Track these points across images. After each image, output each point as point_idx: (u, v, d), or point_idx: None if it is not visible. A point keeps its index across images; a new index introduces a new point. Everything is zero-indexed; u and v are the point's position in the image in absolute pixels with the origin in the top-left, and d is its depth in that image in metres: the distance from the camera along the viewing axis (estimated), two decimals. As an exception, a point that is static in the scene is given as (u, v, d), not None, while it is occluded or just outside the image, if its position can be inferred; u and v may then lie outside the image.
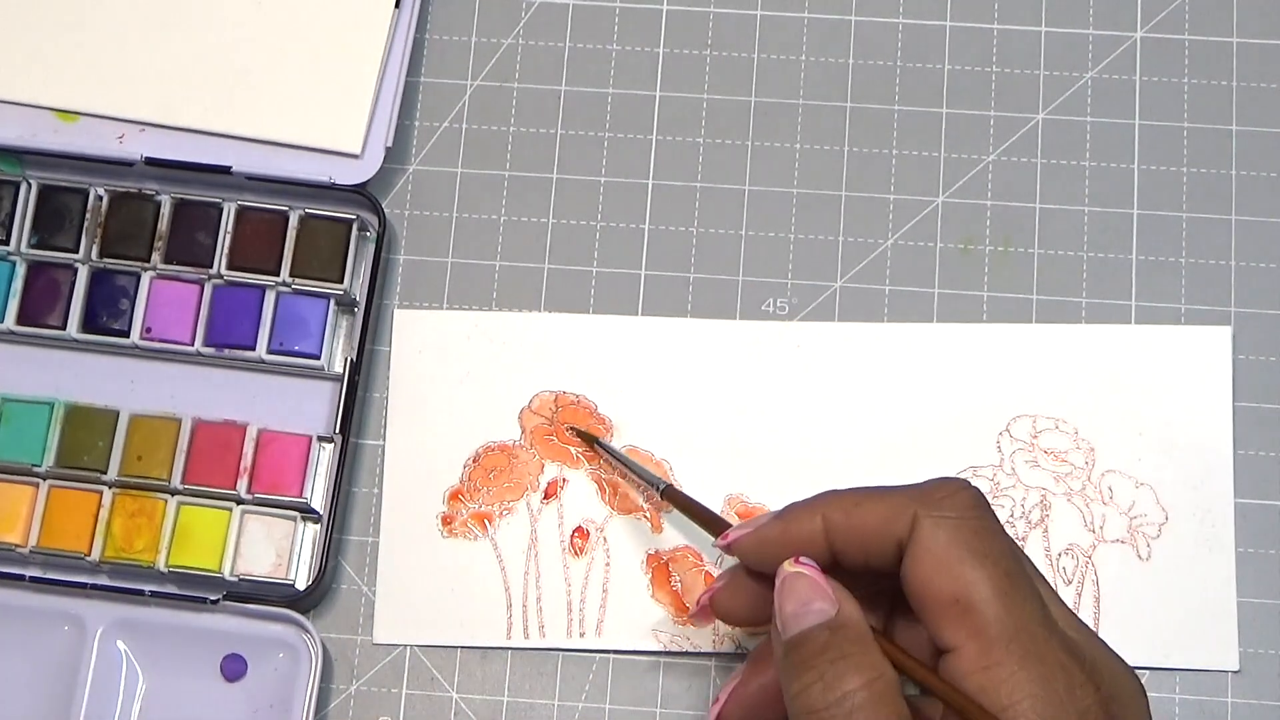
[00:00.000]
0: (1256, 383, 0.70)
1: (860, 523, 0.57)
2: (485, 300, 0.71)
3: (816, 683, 0.54)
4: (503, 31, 0.74)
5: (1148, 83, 0.73)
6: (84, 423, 0.69)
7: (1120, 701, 0.54)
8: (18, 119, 0.72)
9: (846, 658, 0.54)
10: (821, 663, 0.54)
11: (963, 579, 0.54)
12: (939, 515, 0.55)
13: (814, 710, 0.53)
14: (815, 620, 0.55)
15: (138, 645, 0.68)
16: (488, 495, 0.69)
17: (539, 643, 0.68)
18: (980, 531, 0.55)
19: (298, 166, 0.71)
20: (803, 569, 0.56)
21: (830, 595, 0.55)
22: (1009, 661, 0.53)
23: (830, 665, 0.54)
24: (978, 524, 0.55)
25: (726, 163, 0.73)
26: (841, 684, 0.53)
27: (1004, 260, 0.71)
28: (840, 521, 0.57)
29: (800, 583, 0.56)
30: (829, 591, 0.55)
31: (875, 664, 0.54)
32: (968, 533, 0.55)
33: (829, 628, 0.55)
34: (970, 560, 0.54)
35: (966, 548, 0.54)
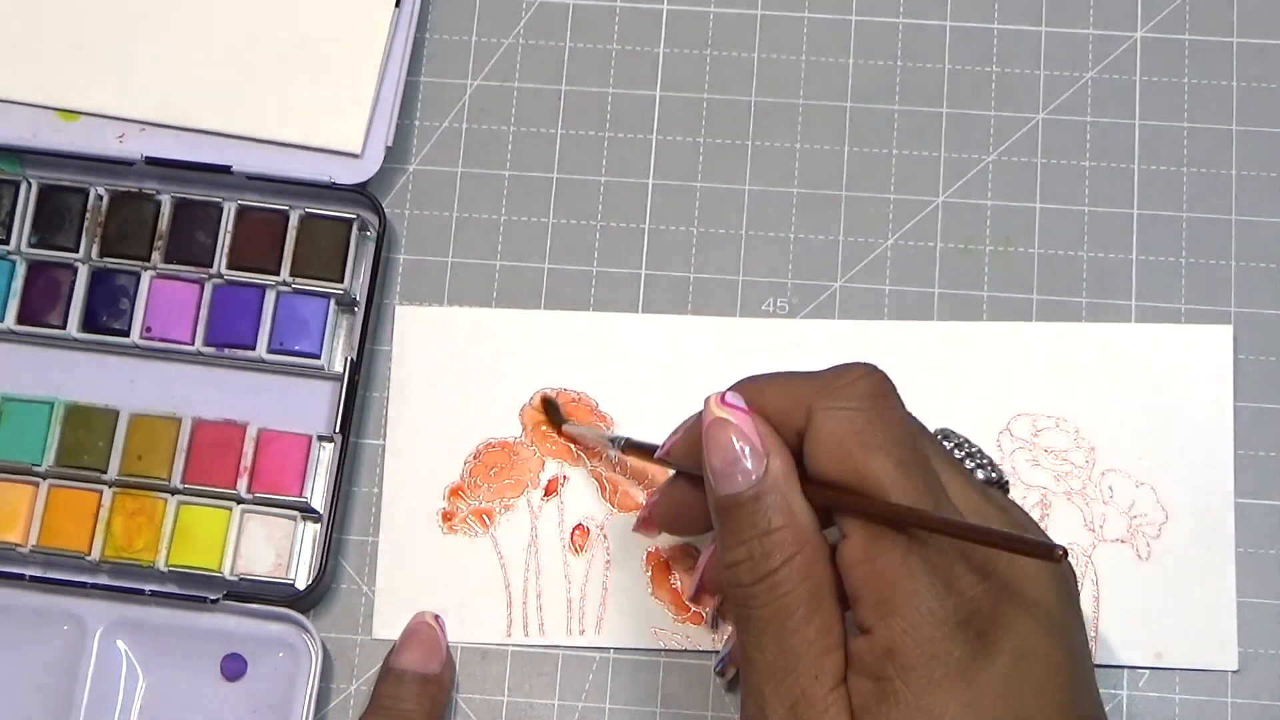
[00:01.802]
0: (1256, 383, 0.70)
1: (764, 411, 0.55)
2: (485, 300, 0.71)
3: (746, 560, 0.54)
4: (503, 31, 0.74)
5: (1148, 83, 0.73)
6: (84, 422, 0.69)
7: (1016, 592, 0.53)
8: (18, 119, 0.72)
9: (775, 531, 0.53)
10: (752, 537, 0.54)
11: (853, 469, 0.53)
12: (833, 406, 0.54)
13: (741, 584, 0.54)
14: (743, 482, 0.54)
15: (138, 645, 0.68)
16: (488, 492, 0.69)
17: (539, 640, 0.68)
18: (874, 421, 0.54)
19: (298, 166, 0.71)
20: (729, 414, 0.55)
21: (758, 447, 0.54)
22: (894, 551, 0.52)
23: (760, 541, 0.53)
24: (872, 413, 0.54)
25: (726, 163, 0.73)
26: (769, 561, 0.53)
27: (1004, 260, 0.71)
28: None
29: (724, 433, 0.55)
30: (757, 442, 0.54)
31: (803, 533, 0.53)
32: (861, 423, 0.53)
33: (756, 492, 0.54)
34: (860, 451, 0.53)
35: (858, 440, 0.53)
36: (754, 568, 0.53)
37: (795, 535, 0.53)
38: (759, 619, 0.53)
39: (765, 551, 0.53)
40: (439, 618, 0.67)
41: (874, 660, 0.52)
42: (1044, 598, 0.53)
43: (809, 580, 0.53)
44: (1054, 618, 0.53)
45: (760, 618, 0.53)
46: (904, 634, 0.51)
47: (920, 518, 0.52)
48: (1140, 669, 0.67)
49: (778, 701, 0.53)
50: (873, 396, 0.55)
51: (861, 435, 0.53)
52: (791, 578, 0.53)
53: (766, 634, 0.53)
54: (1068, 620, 0.54)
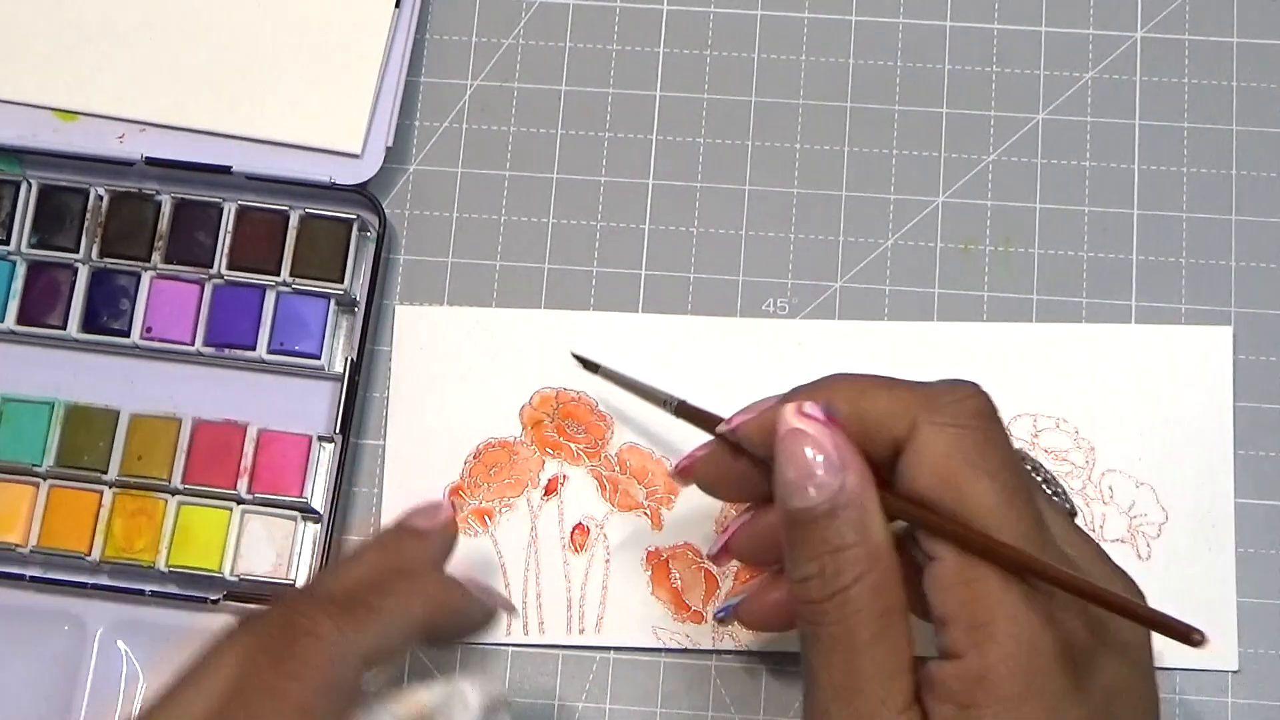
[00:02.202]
0: (1256, 383, 0.70)
1: (863, 413, 0.53)
2: (485, 300, 0.71)
3: (816, 576, 0.52)
4: (503, 31, 0.74)
5: (1148, 83, 0.73)
6: (84, 423, 0.69)
7: (1111, 629, 0.52)
8: (18, 119, 0.72)
9: (848, 548, 0.52)
10: (823, 552, 0.52)
11: (957, 492, 0.51)
12: (942, 422, 0.52)
13: (812, 601, 0.52)
14: (818, 496, 0.52)
15: (138, 645, 0.68)
16: (488, 491, 0.69)
17: (538, 639, 0.68)
18: (981, 444, 0.52)
19: (298, 166, 0.71)
20: (806, 425, 0.53)
21: (836, 462, 0.52)
22: (992, 577, 0.51)
23: (832, 558, 0.52)
24: (980, 434, 0.52)
25: (726, 163, 0.73)
26: (840, 578, 0.51)
27: (1004, 260, 0.71)
28: (843, 408, 0.54)
29: (800, 444, 0.53)
30: (835, 457, 0.52)
31: (876, 551, 0.52)
32: (968, 443, 0.52)
33: (831, 508, 0.52)
34: (967, 474, 0.51)
35: (964, 459, 0.52)
36: (824, 584, 0.52)
37: (869, 553, 0.52)
38: (828, 636, 0.52)
39: (837, 568, 0.52)
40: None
41: (962, 687, 0.50)
42: (1135, 637, 0.52)
43: (881, 600, 0.52)
44: (1143, 658, 0.53)
45: (830, 635, 0.52)
46: (1001, 663, 0.50)
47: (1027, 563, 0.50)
48: (1140, 669, 0.67)
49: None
50: (981, 416, 0.53)
51: (968, 456, 0.52)
52: (863, 596, 0.51)
53: (835, 653, 0.52)
54: (1152, 662, 0.53)
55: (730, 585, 0.68)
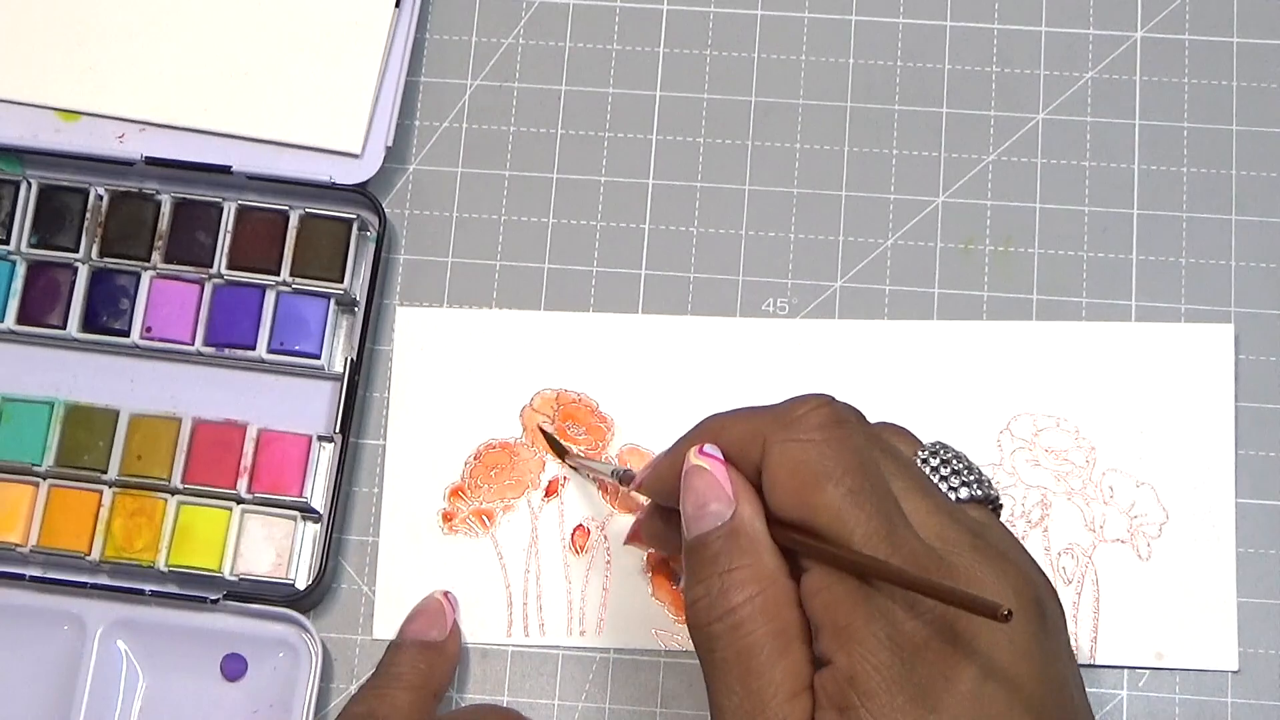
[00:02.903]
0: (1257, 383, 0.70)
1: (726, 448, 0.56)
2: (485, 300, 0.71)
3: (705, 597, 0.54)
4: (503, 31, 0.74)
5: (1148, 83, 0.73)
6: (84, 422, 0.69)
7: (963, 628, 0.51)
8: (18, 119, 0.72)
9: (735, 569, 0.53)
10: (711, 574, 0.54)
11: (805, 504, 0.53)
12: (787, 439, 0.54)
13: (700, 625, 0.54)
14: (710, 524, 0.54)
15: (138, 645, 0.68)
16: (489, 492, 0.69)
17: (539, 640, 0.68)
18: (825, 451, 0.53)
19: (298, 166, 0.71)
20: (704, 462, 0.56)
21: (727, 494, 0.55)
22: (850, 581, 0.52)
23: (719, 579, 0.53)
24: (824, 445, 0.53)
25: (726, 163, 0.73)
26: (728, 599, 0.53)
27: (1004, 260, 0.71)
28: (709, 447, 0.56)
29: (699, 480, 0.55)
30: (726, 490, 0.55)
31: (764, 574, 0.53)
32: (812, 455, 0.53)
33: (722, 534, 0.54)
34: (811, 485, 0.53)
35: (809, 470, 0.53)
36: (711, 605, 0.53)
37: (756, 575, 0.53)
38: (722, 661, 0.53)
39: (723, 589, 0.53)
40: (449, 594, 0.68)
41: (837, 690, 0.51)
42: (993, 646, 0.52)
43: (773, 621, 0.53)
44: (1019, 640, 0.52)
45: (724, 660, 0.53)
46: (863, 660, 0.51)
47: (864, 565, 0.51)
48: (1140, 669, 0.67)
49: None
50: (824, 427, 0.54)
51: (812, 465, 0.53)
52: (754, 617, 0.53)
53: (732, 676, 0.53)
54: (1038, 642, 0.53)
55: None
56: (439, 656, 0.66)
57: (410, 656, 0.65)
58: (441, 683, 0.66)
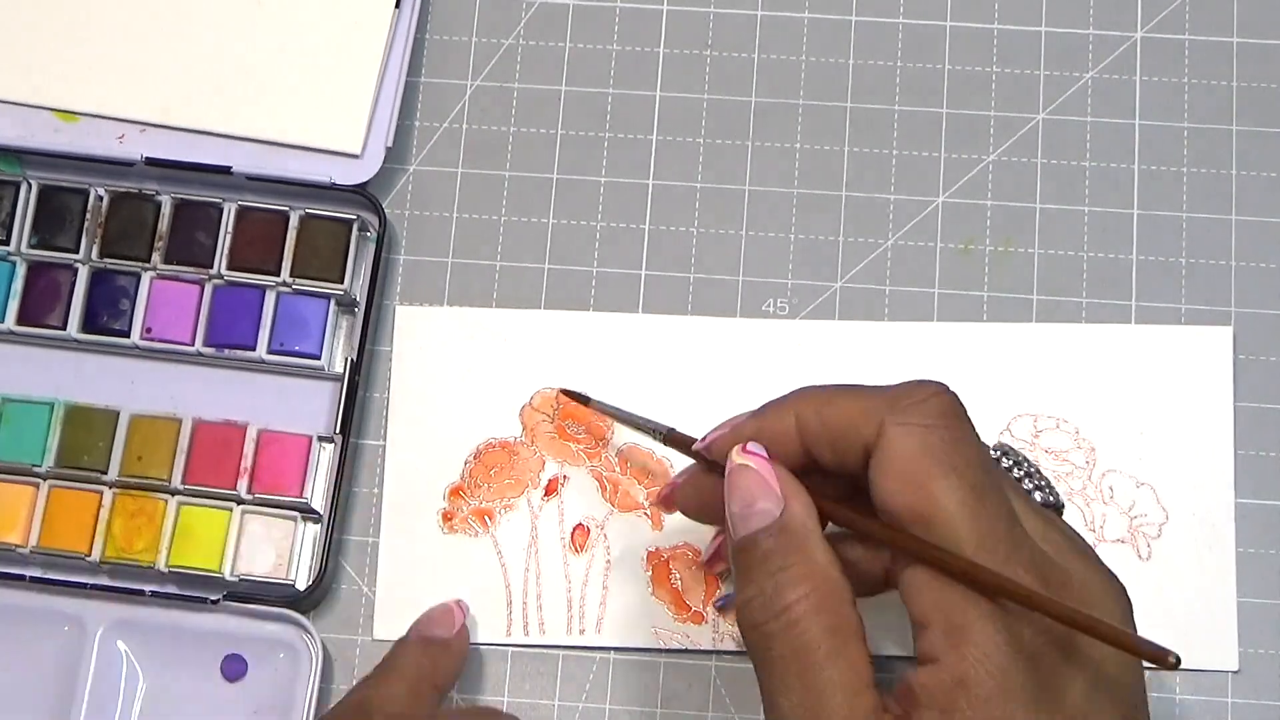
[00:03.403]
0: (1256, 383, 0.70)
1: (830, 422, 0.54)
2: (485, 300, 0.71)
3: (758, 596, 0.53)
4: (503, 31, 0.74)
5: (1148, 83, 0.73)
6: (84, 423, 0.69)
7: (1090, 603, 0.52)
8: (18, 119, 0.72)
9: (788, 568, 0.53)
10: (763, 574, 0.53)
11: (925, 492, 0.51)
12: (907, 422, 0.53)
13: (754, 625, 0.53)
14: (759, 523, 0.54)
15: (138, 645, 0.68)
16: (488, 492, 0.69)
17: (539, 639, 0.68)
18: (948, 441, 0.52)
19: (298, 166, 0.71)
20: (749, 460, 0.55)
21: (776, 493, 0.54)
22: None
23: (771, 578, 0.53)
24: (946, 433, 0.52)
25: (726, 163, 0.73)
26: (781, 598, 0.52)
27: (1004, 260, 0.71)
28: (811, 420, 0.55)
29: (746, 479, 0.55)
30: (775, 488, 0.54)
31: (817, 571, 0.53)
32: (935, 442, 0.52)
33: (772, 533, 0.53)
34: (934, 473, 0.52)
35: (932, 459, 0.52)
36: (766, 605, 0.52)
37: (809, 572, 0.53)
38: (779, 659, 0.52)
39: (777, 587, 0.52)
40: (461, 601, 0.67)
41: (942, 691, 0.50)
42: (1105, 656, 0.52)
43: (827, 618, 0.52)
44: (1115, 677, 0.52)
45: (780, 657, 0.52)
46: (978, 664, 0.50)
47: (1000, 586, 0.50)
48: (1140, 669, 0.67)
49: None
50: (946, 415, 0.53)
51: (934, 454, 0.52)
52: (809, 615, 0.52)
53: (790, 674, 0.52)
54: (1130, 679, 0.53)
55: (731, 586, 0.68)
56: (443, 652, 0.66)
57: (413, 650, 0.65)
58: (446, 678, 0.66)
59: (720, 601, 0.65)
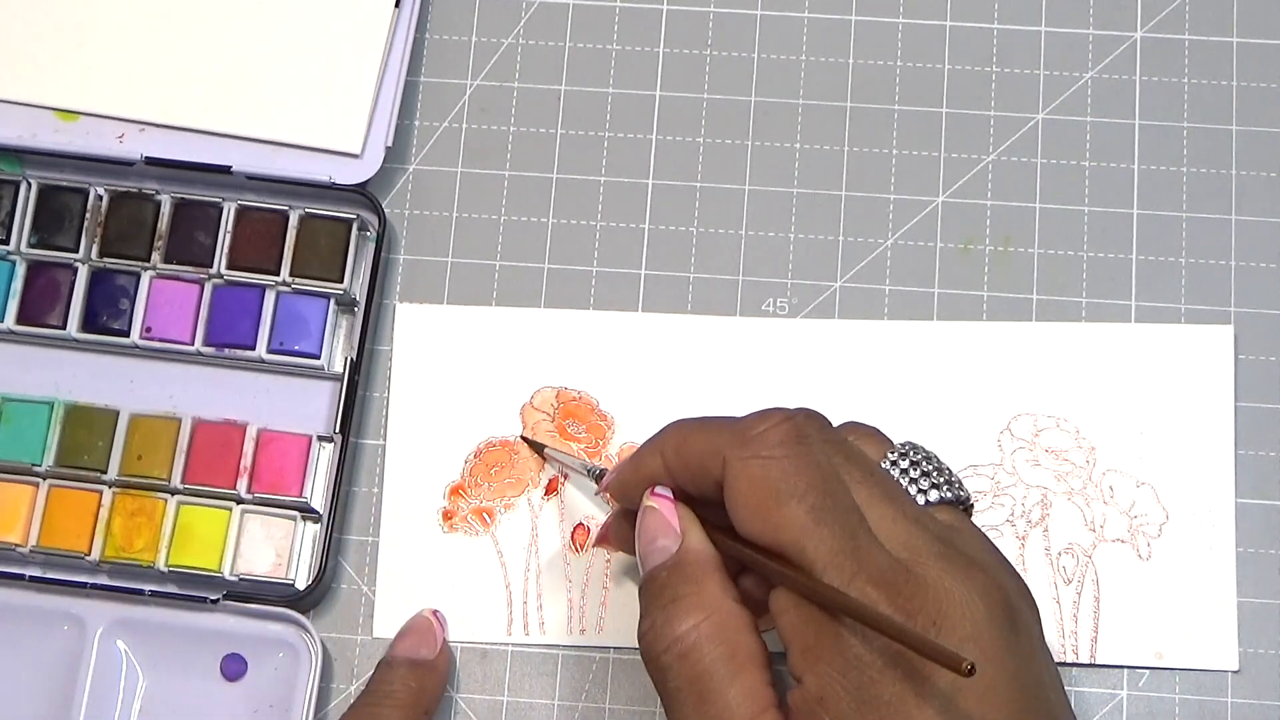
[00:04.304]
0: (1257, 383, 0.70)
1: (685, 459, 0.56)
2: (485, 300, 0.71)
3: (651, 629, 0.54)
4: (503, 31, 0.74)
5: (1148, 83, 0.73)
6: (84, 422, 0.69)
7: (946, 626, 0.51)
8: (18, 119, 0.72)
9: (680, 599, 0.54)
10: (656, 607, 0.54)
11: (768, 521, 0.53)
12: (746, 456, 0.54)
13: (650, 656, 0.54)
14: (659, 559, 0.56)
15: (138, 645, 0.68)
16: (489, 491, 0.69)
17: (539, 639, 0.68)
18: (787, 470, 0.53)
19: (298, 166, 0.71)
20: (654, 502, 0.57)
21: (674, 530, 0.56)
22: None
23: (662, 610, 0.54)
24: (785, 462, 0.54)
25: (726, 163, 0.73)
26: (673, 628, 0.54)
27: (1004, 260, 0.71)
28: (671, 458, 0.57)
29: (649, 519, 0.57)
30: (673, 526, 0.56)
31: (708, 601, 0.54)
32: (774, 473, 0.53)
33: (668, 567, 0.55)
34: (772, 503, 0.53)
35: (768, 489, 0.53)
36: (658, 636, 0.54)
37: (701, 602, 0.54)
38: (676, 690, 0.53)
39: (667, 618, 0.54)
40: (437, 612, 0.67)
41: (807, 710, 0.52)
42: (976, 629, 0.52)
43: (722, 646, 0.53)
44: (990, 648, 0.52)
45: (678, 689, 0.53)
46: (831, 681, 0.51)
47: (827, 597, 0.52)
48: (1140, 669, 0.67)
49: None
50: (785, 444, 0.54)
51: (773, 483, 0.53)
52: (701, 644, 0.53)
53: (688, 705, 0.53)
54: (1010, 648, 0.52)
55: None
56: (429, 674, 0.66)
57: (402, 675, 0.65)
58: (432, 701, 0.66)
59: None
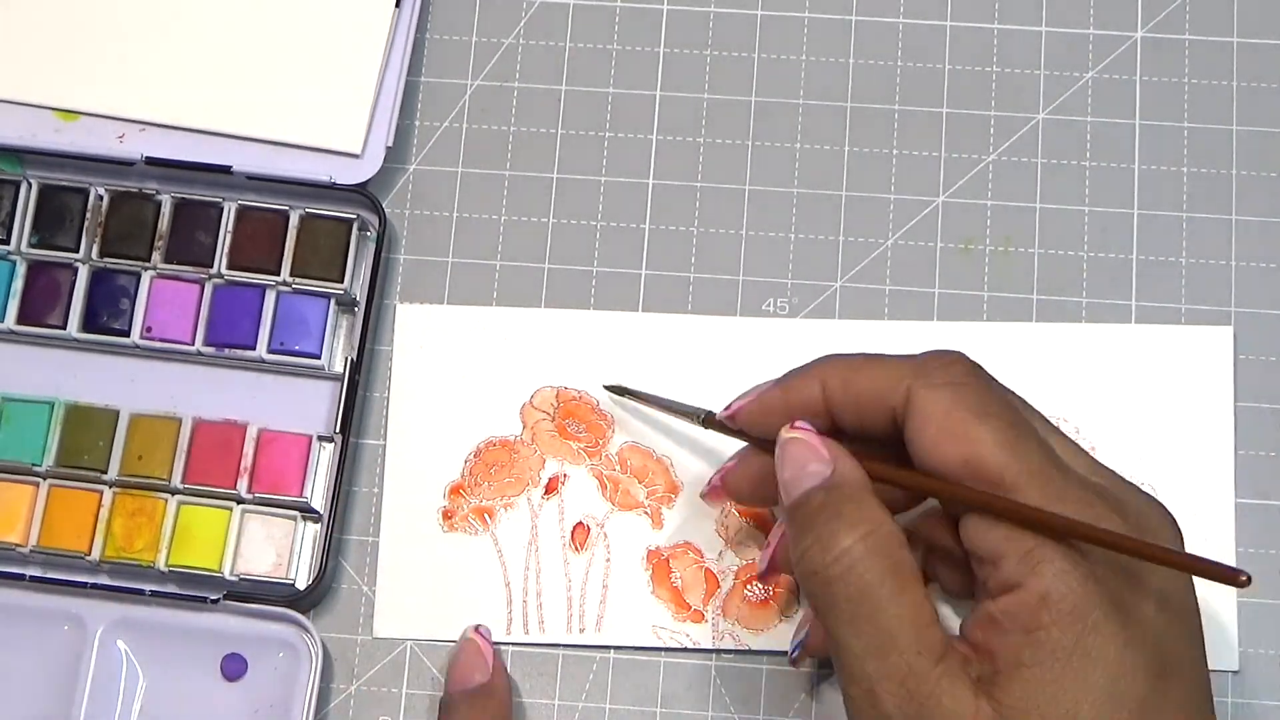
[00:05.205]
0: (1257, 383, 0.70)
1: (856, 390, 0.57)
2: (485, 300, 0.71)
3: (814, 544, 0.54)
4: (503, 31, 0.74)
5: (1148, 83, 0.73)
6: (84, 422, 0.69)
7: (1150, 530, 0.55)
8: (18, 119, 0.72)
9: (841, 516, 0.54)
10: (818, 524, 0.55)
11: (966, 439, 0.54)
12: (935, 384, 0.55)
13: (814, 571, 0.54)
14: (811, 483, 0.56)
15: (138, 645, 0.68)
16: (489, 490, 0.69)
17: (539, 638, 0.68)
18: (979, 393, 0.55)
19: (298, 166, 0.71)
20: (798, 433, 0.57)
21: (825, 456, 0.56)
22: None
23: (825, 525, 0.54)
24: (974, 388, 0.55)
25: (726, 163, 0.73)
26: (837, 542, 0.54)
27: (1004, 260, 0.71)
28: (837, 388, 0.58)
29: (796, 448, 0.57)
30: (824, 453, 0.56)
31: (870, 517, 0.55)
32: (966, 395, 0.55)
33: (824, 489, 0.55)
34: (971, 421, 0.54)
35: (966, 410, 0.55)
36: (823, 550, 0.54)
37: (863, 517, 0.54)
38: (844, 600, 0.54)
39: (832, 532, 0.54)
40: (480, 627, 0.67)
41: (1025, 611, 0.52)
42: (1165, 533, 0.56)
43: (885, 558, 0.54)
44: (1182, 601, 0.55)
45: (846, 597, 0.54)
46: (1057, 579, 0.52)
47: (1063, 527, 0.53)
48: (1140, 669, 0.67)
49: (886, 679, 0.53)
50: (972, 374, 0.56)
51: (969, 405, 0.55)
52: (867, 557, 0.54)
53: (860, 615, 0.53)
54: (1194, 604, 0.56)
55: (731, 584, 0.68)
56: (490, 700, 0.65)
57: (463, 713, 0.65)
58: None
59: (794, 650, 0.64)
